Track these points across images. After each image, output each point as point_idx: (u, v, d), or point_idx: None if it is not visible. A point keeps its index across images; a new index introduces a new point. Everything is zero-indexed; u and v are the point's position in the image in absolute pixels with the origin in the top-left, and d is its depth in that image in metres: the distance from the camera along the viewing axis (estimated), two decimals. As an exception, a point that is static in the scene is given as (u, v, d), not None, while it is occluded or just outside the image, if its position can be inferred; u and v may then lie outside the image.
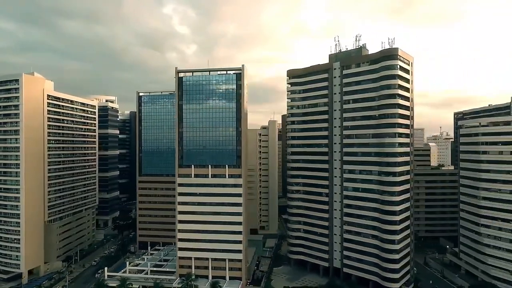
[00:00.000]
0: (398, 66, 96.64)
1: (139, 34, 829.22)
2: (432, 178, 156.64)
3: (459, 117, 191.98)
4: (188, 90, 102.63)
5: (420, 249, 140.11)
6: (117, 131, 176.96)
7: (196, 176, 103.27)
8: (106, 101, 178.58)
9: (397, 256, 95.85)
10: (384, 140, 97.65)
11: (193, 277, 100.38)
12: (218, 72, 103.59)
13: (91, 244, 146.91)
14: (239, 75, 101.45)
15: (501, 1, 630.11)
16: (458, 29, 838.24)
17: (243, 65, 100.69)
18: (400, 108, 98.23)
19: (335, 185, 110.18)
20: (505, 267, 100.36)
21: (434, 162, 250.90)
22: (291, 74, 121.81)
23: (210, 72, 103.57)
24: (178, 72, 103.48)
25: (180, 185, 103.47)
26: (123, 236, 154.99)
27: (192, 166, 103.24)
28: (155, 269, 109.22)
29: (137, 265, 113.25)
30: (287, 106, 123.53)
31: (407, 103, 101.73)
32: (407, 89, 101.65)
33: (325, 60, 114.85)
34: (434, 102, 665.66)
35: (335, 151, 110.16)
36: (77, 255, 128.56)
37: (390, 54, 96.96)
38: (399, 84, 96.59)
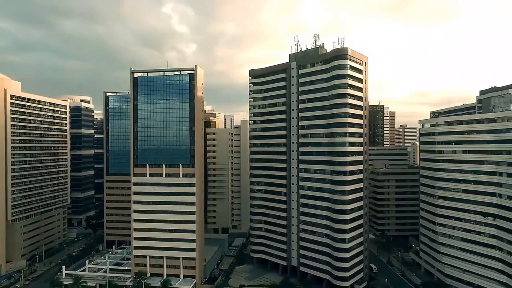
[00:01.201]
0: (348, 66, 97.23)
1: (139, 33, 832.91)
2: (401, 177, 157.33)
3: (435, 116, 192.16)
4: (143, 91, 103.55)
5: (388, 248, 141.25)
6: (92, 131, 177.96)
7: (151, 175, 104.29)
8: (81, 101, 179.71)
9: (347, 255, 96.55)
10: (335, 139, 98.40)
11: (149, 275, 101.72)
12: (173, 73, 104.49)
13: (61, 243, 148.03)
14: (192, 76, 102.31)
15: (501, 0, 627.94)
16: (458, 27, 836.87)
17: (196, 66, 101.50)
18: (351, 108, 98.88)
19: (293, 184, 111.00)
20: (458, 265, 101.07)
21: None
22: (253, 73, 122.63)
23: (165, 72, 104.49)
24: (133, 72, 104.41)
25: (135, 184, 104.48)
26: (96, 235, 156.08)
27: (147, 165, 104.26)
28: (114, 267, 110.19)
29: (97, 263, 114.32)
30: (249, 106, 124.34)
31: (359, 103, 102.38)
32: (359, 89, 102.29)
33: None
34: (434, 102, 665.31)
35: (292, 151, 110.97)
36: (43, 254, 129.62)
37: (339, 54, 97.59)
38: (348, 84, 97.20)
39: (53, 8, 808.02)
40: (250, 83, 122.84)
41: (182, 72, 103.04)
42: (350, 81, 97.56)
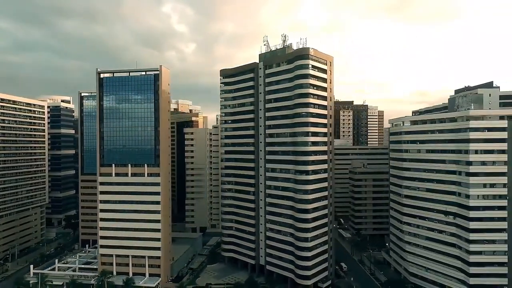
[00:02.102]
0: (310, 66, 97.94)
1: (138, 33, 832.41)
2: (378, 177, 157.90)
3: (416, 115, 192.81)
4: (109, 91, 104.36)
5: (363, 247, 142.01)
6: (72, 131, 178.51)
7: (117, 175, 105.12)
8: (62, 101, 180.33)
9: (309, 254, 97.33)
10: (297, 139, 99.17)
11: (115, 274, 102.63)
12: (138, 73, 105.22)
13: (38, 242, 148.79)
14: (157, 76, 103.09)
15: (502, 0, 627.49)
16: (458, 27, 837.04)
17: (160, 66, 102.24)
18: (314, 107, 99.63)
19: (261, 184, 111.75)
20: (422, 264, 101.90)
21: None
22: (224, 73, 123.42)
23: (130, 73, 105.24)
24: (99, 73, 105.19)
25: (102, 184, 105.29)
26: (75, 235, 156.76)
27: (113, 165, 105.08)
28: (83, 266, 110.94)
29: (67, 262, 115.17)
30: (220, 105, 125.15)
31: (323, 102, 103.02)
32: (323, 89, 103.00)
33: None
34: (434, 101, 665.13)
35: (260, 150, 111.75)
36: (16, 253, 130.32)
37: (301, 54, 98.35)
38: (311, 83, 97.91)
39: (53, 8, 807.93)
40: (221, 83, 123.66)
41: (148, 73, 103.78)
42: (312, 81, 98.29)
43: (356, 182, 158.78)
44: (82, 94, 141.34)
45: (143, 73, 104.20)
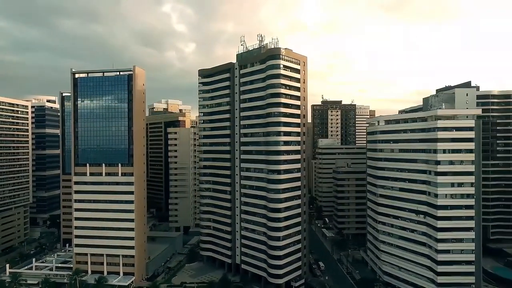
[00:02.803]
0: (282, 66, 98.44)
1: (137, 32, 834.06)
2: (361, 176, 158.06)
3: (402, 114, 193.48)
4: (83, 91, 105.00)
5: (344, 246, 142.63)
6: (57, 131, 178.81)
7: (92, 174, 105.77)
8: (47, 101, 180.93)
9: (280, 253, 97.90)
10: (269, 138, 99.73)
11: (90, 273, 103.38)
12: (113, 73, 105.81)
13: (22, 241, 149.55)
14: (131, 76, 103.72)
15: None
16: (457, 27, 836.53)
17: (134, 66, 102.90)
18: (286, 107, 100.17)
19: (237, 183, 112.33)
20: (394, 262, 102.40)
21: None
22: (202, 73, 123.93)
23: (104, 73, 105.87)
24: (73, 73, 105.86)
25: (76, 183, 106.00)
26: (59, 234, 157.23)
27: (87, 164, 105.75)
28: (60, 265, 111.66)
29: (45, 261, 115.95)
30: (199, 105, 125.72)
31: (296, 102, 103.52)
32: (296, 88, 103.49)
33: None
34: None
35: (236, 150, 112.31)
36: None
37: (273, 54, 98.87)
38: (282, 83, 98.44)
39: (53, 8, 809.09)
40: (199, 83, 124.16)
41: (122, 73, 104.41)
42: (284, 81, 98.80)
43: (339, 181, 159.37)
44: (64, 94, 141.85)
45: (118, 73, 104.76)
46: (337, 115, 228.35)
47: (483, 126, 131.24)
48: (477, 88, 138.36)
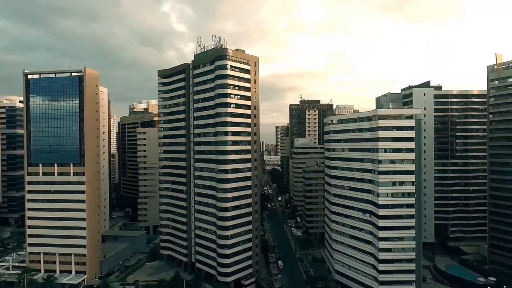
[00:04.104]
0: (229, 66, 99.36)
1: (137, 32, 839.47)
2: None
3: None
4: (35, 92, 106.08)
5: (309, 245, 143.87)
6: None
7: (44, 174, 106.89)
8: (20, 101, 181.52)
9: (228, 252, 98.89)
10: (218, 138, 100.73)
11: (43, 271, 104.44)
12: (65, 74, 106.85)
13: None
14: (82, 77, 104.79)
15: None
16: (457, 27, 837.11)
17: (84, 68, 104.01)
18: (235, 107, 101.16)
19: (192, 182, 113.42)
20: (344, 261, 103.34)
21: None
22: (161, 74, 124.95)
23: (56, 74, 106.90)
24: (25, 74, 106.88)
25: (30, 183, 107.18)
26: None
27: (40, 164, 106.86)
28: (16, 264, 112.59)
29: (4, 261, 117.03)
30: (158, 106, 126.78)
31: (246, 102, 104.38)
32: (246, 89, 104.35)
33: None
34: None
35: (191, 150, 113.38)
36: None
37: (220, 54, 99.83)
38: (229, 83, 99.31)
39: (53, 8, 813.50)
40: (158, 84, 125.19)
41: (73, 74, 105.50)
42: (231, 81, 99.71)
43: (307, 180, 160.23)
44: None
45: (69, 74, 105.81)
46: (315, 115, 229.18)
47: (443, 125, 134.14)
48: (439, 87, 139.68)
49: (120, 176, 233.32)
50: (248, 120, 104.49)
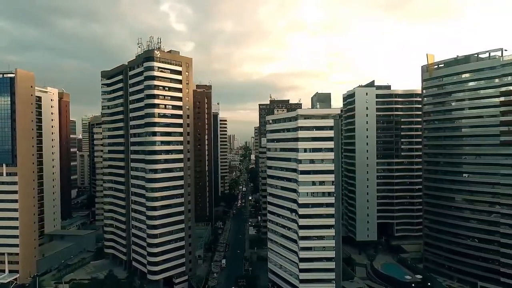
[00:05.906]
0: (157, 68, 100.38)
1: (137, 32, 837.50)
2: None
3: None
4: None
5: (258, 244, 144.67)
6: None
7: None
8: None
9: (156, 250, 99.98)
10: (147, 139, 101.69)
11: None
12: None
13: None
14: (13, 79, 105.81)
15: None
16: (457, 26, 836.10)
17: (16, 69, 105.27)
18: (164, 108, 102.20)
19: (130, 182, 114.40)
20: (277, 260, 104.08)
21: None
22: (104, 75, 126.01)
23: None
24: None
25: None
26: None
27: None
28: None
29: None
30: (102, 106, 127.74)
31: (178, 103, 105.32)
32: (177, 90, 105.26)
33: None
34: None
35: (129, 150, 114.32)
36: None
37: (147, 56, 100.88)
38: (156, 85, 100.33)
39: (53, 8, 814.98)
40: (102, 84, 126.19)
41: (5, 75, 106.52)
42: (159, 82, 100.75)
43: (263, 180, 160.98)
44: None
45: (1, 76, 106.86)
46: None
47: (388, 125, 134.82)
48: (388, 87, 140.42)
49: (90, 177, 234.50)
50: (179, 121, 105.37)
